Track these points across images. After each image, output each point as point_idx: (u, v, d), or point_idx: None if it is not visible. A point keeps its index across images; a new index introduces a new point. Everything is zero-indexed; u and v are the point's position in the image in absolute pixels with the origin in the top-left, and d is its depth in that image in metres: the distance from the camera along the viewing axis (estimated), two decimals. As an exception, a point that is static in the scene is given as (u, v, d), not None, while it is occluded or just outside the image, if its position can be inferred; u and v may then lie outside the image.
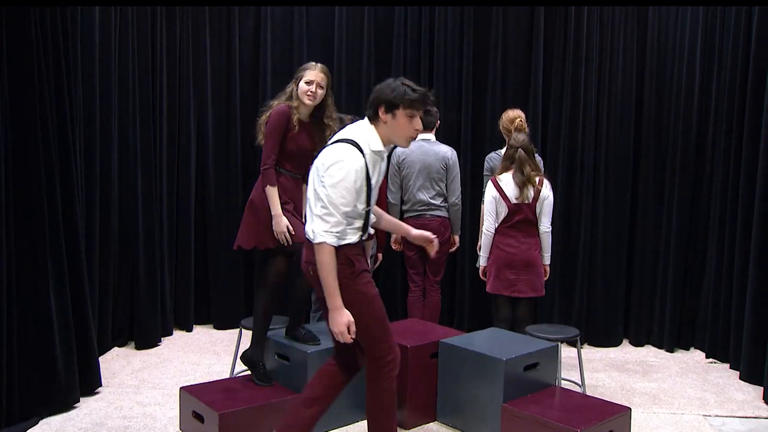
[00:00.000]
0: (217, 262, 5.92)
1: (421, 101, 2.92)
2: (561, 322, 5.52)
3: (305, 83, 3.65)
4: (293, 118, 3.68)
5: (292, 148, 3.71)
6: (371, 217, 3.05)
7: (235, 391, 3.63)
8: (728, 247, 5.08)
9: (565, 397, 3.68)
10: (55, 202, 3.83)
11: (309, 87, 3.65)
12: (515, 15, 5.68)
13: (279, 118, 3.66)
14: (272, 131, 3.67)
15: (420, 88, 2.92)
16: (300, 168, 3.77)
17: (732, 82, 5.11)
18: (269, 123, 3.69)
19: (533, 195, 4.23)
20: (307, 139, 3.74)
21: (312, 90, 3.65)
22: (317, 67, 3.70)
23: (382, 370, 2.99)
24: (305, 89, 3.65)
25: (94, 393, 4.16)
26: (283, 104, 3.71)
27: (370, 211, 2.99)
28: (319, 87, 3.68)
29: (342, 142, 2.91)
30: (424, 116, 4.80)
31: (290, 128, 3.68)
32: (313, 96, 3.67)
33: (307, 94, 3.65)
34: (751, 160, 4.79)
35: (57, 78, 3.91)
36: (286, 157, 3.73)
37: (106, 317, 4.93)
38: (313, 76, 3.66)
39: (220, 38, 5.88)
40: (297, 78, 3.70)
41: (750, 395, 4.45)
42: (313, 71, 3.67)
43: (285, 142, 3.70)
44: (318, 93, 3.68)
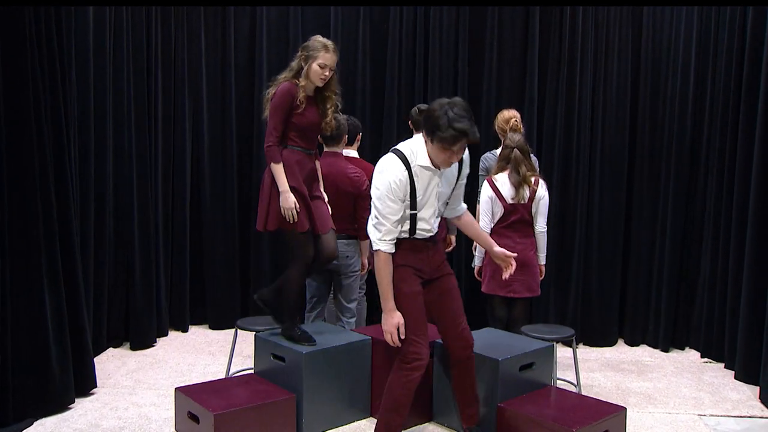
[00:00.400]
0: (213, 262, 5.91)
1: (450, 140, 2.93)
2: (556, 322, 5.53)
3: (319, 66, 3.59)
4: (299, 95, 3.63)
5: (301, 123, 3.67)
6: (429, 220, 3.18)
7: (231, 391, 3.62)
8: (723, 246, 5.09)
9: (560, 397, 3.68)
10: (49, 202, 3.81)
11: (323, 71, 3.61)
12: (510, 15, 5.69)
13: (283, 96, 3.61)
14: (276, 109, 3.63)
15: (460, 124, 2.90)
16: (312, 143, 3.78)
17: (726, 82, 5.12)
18: (274, 100, 3.65)
19: (529, 195, 4.23)
20: (315, 112, 3.72)
21: (326, 74, 3.63)
22: (331, 49, 3.63)
23: (404, 366, 3.15)
24: (319, 72, 3.60)
25: (89, 394, 4.15)
26: (288, 82, 3.66)
27: (416, 215, 3.13)
28: (330, 70, 3.64)
29: (391, 152, 3.13)
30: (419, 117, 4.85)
31: (296, 105, 3.63)
32: (326, 80, 3.65)
33: (321, 78, 3.62)
34: (746, 161, 4.80)
35: (52, 78, 3.90)
36: (297, 133, 3.69)
37: (101, 318, 4.92)
38: (327, 59, 3.60)
39: (215, 39, 5.87)
40: (309, 56, 3.61)
41: (745, 395, 4.46)
42: (327, 54, 3.61)
43: (292, 118, 3.65)
44: (329, 76, 3.66)
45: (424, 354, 3.18)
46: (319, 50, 3.60)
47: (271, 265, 5.90)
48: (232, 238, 5.93)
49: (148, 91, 5.37)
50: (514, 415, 3.40)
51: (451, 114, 2.94)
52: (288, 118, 3.65)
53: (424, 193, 3.12)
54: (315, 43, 3.64)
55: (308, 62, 3.61)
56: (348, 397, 3.77)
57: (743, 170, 4.84)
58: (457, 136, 2.93)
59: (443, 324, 3.36)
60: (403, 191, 3.04)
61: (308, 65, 3.61)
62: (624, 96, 5.62)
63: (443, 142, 2.96)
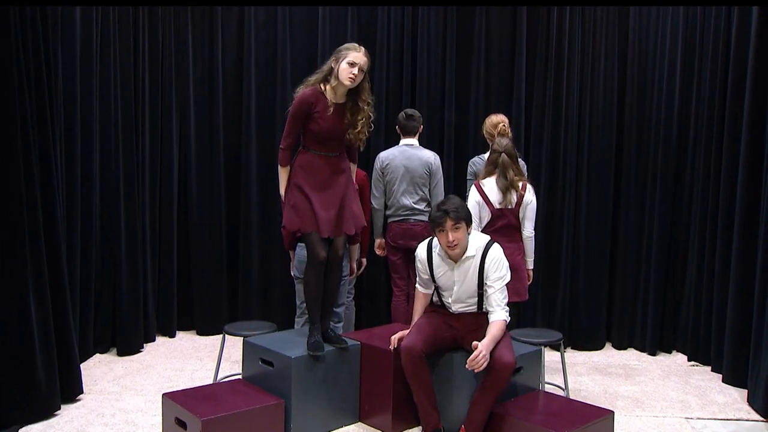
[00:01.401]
0: (200, 267, 5.89)
1: (433, 224, 3.51)
2: (544, 326, 5.55)
3: (348, 64, 3.55)
4: (329, 100, 3.61)
5: (317, 131, 3.64)
6: (444, 297, 3.71)
7: (219, 397, 3.60)
8: (709, 250, 5.12)
9: (548, 401, 3.69)
10: (35, 207, 3.78)
11: (352, 69, 3.55)
12: (498, 20, 5.72)
13: (301, 104, 3.60)
14: (293, 115, 3.63)
15: (440, 210, 3.46)
16: (329, 147, 3.71)
17: (712, 86, 5.16)
18: (293, 105, 3.64)
19: (516, 200, 4.24)
20: (335, 121, 3.64)
21: (354, 72, 3.55)
22: (361, 50, 3.61)
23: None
24: (348, 70, 3.55)
25: (76, 400, 4.12)
26: (311, 88, 3.63)
27: (438, 288, 3.70)
28: (360, 70, 3.58)
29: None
30: (406, 121, 4.85)
31: (315, 111, 3.61)
32: (354, 78, 3.57)
33: (349, 76, 3.55)
34: (732, 164, 4.84)
35: (38, 82, 3.88)
36: (310, 137, 3.68)
37: (88, 323, 4.88)
38: (357, 58, 3.56)
39: (203, 42, 5.86)
40: (338, 57, 3.59)
41: (731, 397, 4.48)
42: (357, 53, 3.57)
43: (309, 123, 3.63)
44: (359, 77, 3.60)
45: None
46: (349, 49, 3.60)
47: (259, 271, 5.89)
48: (219, 243, 5.91)
49: (134, 95, 5.35)
50: (502, 420, 3.40)
51: (444, 204, 3.52)
52: (304, 124, 3.64)
53: (441, 278, 3.68)
54: (346, 44, 3.67)
55: (338, 62, 3.58)
56: (337, 403, 3.76)
57: (729, 173, 4.87)
58: (437, 218, 3.47)
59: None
60: (424, 267, 3.75)
61: (338, 64, 3.58)
62: (611, 100, 5.65)
63: (434, 227, 3.54)
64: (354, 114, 3.69)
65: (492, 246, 3.59)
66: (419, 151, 4.82)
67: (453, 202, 3.50)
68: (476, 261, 3.56)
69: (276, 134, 5.79)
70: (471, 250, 3.56)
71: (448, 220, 3.43)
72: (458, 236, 3.46)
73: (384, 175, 4.79)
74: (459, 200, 3.56)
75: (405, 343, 3.52)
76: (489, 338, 3.35)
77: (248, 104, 5.84)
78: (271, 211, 5.82)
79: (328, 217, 3.69)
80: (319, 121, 3.62)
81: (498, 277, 3.54)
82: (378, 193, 4.82)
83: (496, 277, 3.54)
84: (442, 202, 3.54)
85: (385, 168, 4.79)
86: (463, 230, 3.49)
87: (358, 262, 4.72)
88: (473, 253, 3.56)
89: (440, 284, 3.67)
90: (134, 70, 5.33)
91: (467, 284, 3.60)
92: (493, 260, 3.54)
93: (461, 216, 3.45)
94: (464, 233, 3.50)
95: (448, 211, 3.43)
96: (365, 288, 5.65)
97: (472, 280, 3.58)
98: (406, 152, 4.78)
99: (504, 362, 3.33)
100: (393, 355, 3.66)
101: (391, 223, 4.81)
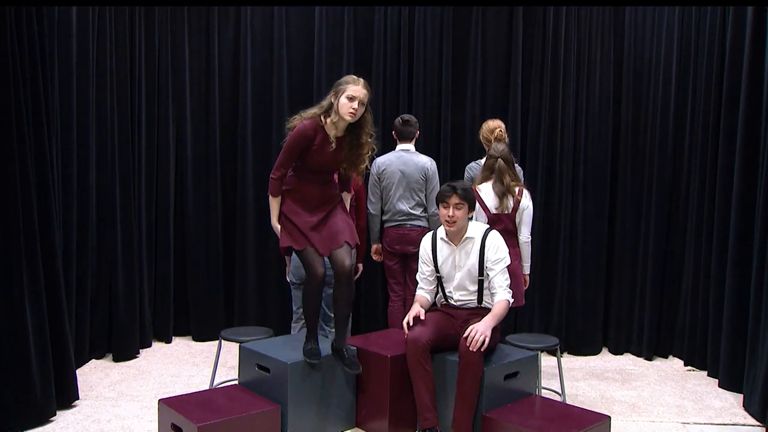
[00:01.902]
0: (197, 273, 5.88)
1: (440, 196, 3.73)
2: (541, 331, 5.54)
3: (347, 98, 3.48)
4: (330, 134, 3.56)
5: (313, 164, 3.60)
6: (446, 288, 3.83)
7: (215, 403, 3.59)
8: (705, 255, 5.14)
9: (545, 406, 3.69)
10: (31, 212, 3.78)
11: (351, 103, 3.48)
12: (494, 25, 5.73)
13: (300, 137, 3.53)
14: (289, 146, 3.56)
15: (449, 185, 3.70)
16: (320, 177, 3.69)
17: (707, 91, 5.18)
18: (290, 136, 3.56)
19: (512, 205, 4.25)
20: (332, 155, 3.59)
21: (354, 107, 3.48)
22: (360, 83, 3.53)
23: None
24: (348, 105, 3.48)
25: (71, 406, 4.10)
26: (309, 120, 3.56)
27: (440, 278, 3.82)
28: (361, 104, 3.51)
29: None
30: (403, 127, 4.86)
31: (313, 144, 3.54)
32: (355, 113, 3.50)
33: (350, 111, 3.48)
34: (728, 169, 4.85)
35: (33, 85, 3.87)
36: (306, 168, 3.63)
37: (84, 329, 4.86)
38: (356, 92, 3.48)
39: (199, 44, 5.86)
40: (337, 91, 3.52)
41: (728, 402, 4.48)
42: (356, 86, 3.50)
43: (307, 155, 3.58)
44: (359, 110, 3.53)
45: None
46: (348, 83, 3.52)
47: (255, 276, 5.88)
48: (216, 248, 5.90)
49: (131, 98, 5.35)
50: (498, 425, 3.40)
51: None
52: (300, 156, 3.60)
53: (443, 265, 3.82)
54: (345, 78, 3.59)
55: (338, 96, 3.51)
56: (333, 408, 3.75)
57: (725, 179, 4.89)
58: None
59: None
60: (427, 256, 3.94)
61: (338, 99, 3.51)
62: (606, 106, 5.67)
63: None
64: (355, 148, 3.63)
65: (491, 231, 3.80)
66: (416, 156, 4.82)
67: (462, 183, 3.74)
68: (476, 244, 3.71)
69: (272, 138, 5.81)
70: (471, 233, 3.74)
71: (454, 196, 3.64)
72: (458, 215, 3.66)
73: (380, 180, 4.80)
74: (469, 185, 3.81)
75: (411, 334, 3.59)
76: (489, 316, 3.54)
77: (245, 107, 5.84)
78: (267, 216, 5.77)
79: (320, 236, 3.64)
80: (315, 155, 3.57)
81: (499, 259, 3.71)
82: (374, 198, 4.82)
83: (497, 259, 3.71)
84: (453, 181, 3.79)
85: (381, 173, 4.79)
86: (464, 212, 3.68)
87: (355, 268, 4.72)
88: (473, 236, 3.75)
89: (442, 272, 3.80)
90: (131, 73, 5.32)
91: (468, 267, 3.74)
92: (492, 243, 3.72)
93: (466, 197, 3.67)
94: (465, 215, 3.69)
95: (456, 188, 3.65)
96: (362, 293, 5.65)
97: (473, 263, 3.73)
98: (403, 157, 4.79)
99: (467, 347, 3.43)
100: (390, 361, 3.66)
101: (388, 228, 4.81)
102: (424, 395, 3.55)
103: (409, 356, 3.57)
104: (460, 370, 3.46)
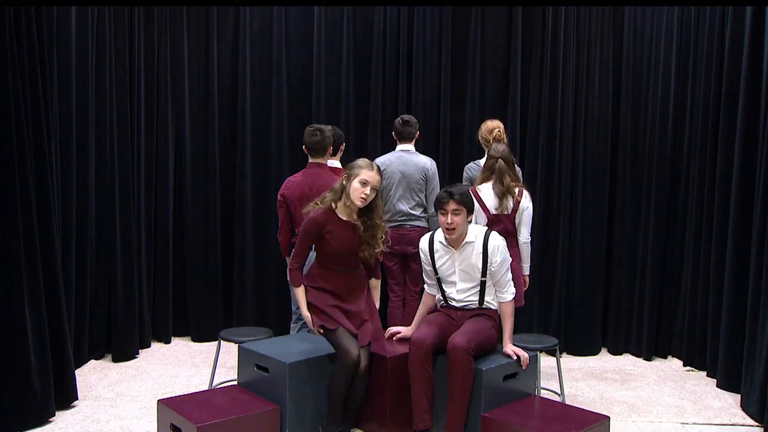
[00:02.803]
0: (196, 273, 5.88)
1: (437, 203, 3.69)
2: (540, 332, 5.55)
3: (360, 183, 3.48)
4: (343, 218, 3.56)
5: (328, 250, 3.58)
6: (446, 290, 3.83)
7: (214, 403, 3.60)
8: (704, 256, 5.14)
9: (544, 407, 3.69)
10: (30, 213, 3.78)
11: (364, 189, 3.47)
12: (493, 25, 5.73)
13: (312, 225, 3.54)
14: (303, 235, 3.57)
15: (446, 191, 3.64)
16: (343, 264, 3.64)
17: (707, 91, 5.19)
18: (302, 227, 3.58)
19: (512, 206, 4.25)
20: (348, 240, 3.57)
21: (366, 192, 3.48)
22: (374, 168, 3.53)
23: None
24: (360, 190, 3.47)
25: (70, 406, 4.11)
26: (321, 209, 3.56)
27: (440, 280, 3.83)
28: (373, 189, 3.52)
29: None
30: (403, 127, 4.86)
31: (326, 232, 3.54)
32: (366, 198, 3.50)
33: (361, 197, 3.48)
34: (726, 169, 4.86)
35: (33, 86, 3.88)
36: (323, 255, 3.62)
37: (83, 329, 4.87)
38: (370, 177, 3.48)
39: (198, 45, 5.86)
40: (350, 175, 3.52)
41: (727, 402, 4.49)
42: (370, 172, 3.49)
43: (323, 243, 3.57)
44: (370, 196, 3.52)
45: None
46: (362, 167, 3.51)
47: (254, 276, 5.88)
48: (215, 248, 5.91)
49: (130, 99, 5.35)
50: (498, 425, 3.41)
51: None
52: (318, 245, 3.61)
53: (441, 268, 3.81)
54: (358, 161, 3.57)
55: (350, 180, 3.51)
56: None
57: (724, 179, 4.89)
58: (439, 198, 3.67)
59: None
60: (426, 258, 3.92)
61: (350, 183, 3.51)
62: (606, 106, 5.67)
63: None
64: (368, 230, 3.61)
65: (491, 233, 3.76)
66: (415, 156, 4.83)
67: (460, 188, 3.68)
68: (478, 247, 3.69)
69: (272, 139, 5.82)
70: (471, 236, 3.72)
71: (451, 202, 3.58)
72: (457, 221, 3.61)
73: (380, 180, 4.79)
74: (466, 188, 3.77)
75: (416, 335, 3.64)
76: (506, 328, 3.77)
77: (243, 108, 5.84)
78: (266, 216, 5.82)
79: (350, 324, 3.58)
80: (330, 241, 3.55)
81: (503, 259, 3.72)
82: (374, 198, 4.82)
83: (502, 260, 3.71)
84: (449, 186, 3.72)
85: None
86: (463, 217, 3.63)
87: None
88: (473, 239, 3.71)
89: (442, 274, 3.79)
90: (130, 74, 5.33)
91: (469, 271, 3.73)
92: (495, 245, 3.70)
93: (464, 202, 3.61)
94: (464, 220, 3.64)
95: (453, 194, 3.59)
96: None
97: (475, 266, 3.71)
98: (403, 158, 4.79)
99: (454, 343, 3.49)
100: (389, 361, 3.67)
101: (387, 228, 4.81)
102: (421, 397, 3.56)
103: (411, 358, 3.57)
104: (449, 370, 3.49)
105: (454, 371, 3.47)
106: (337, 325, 3.55)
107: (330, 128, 4.47)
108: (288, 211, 4.32)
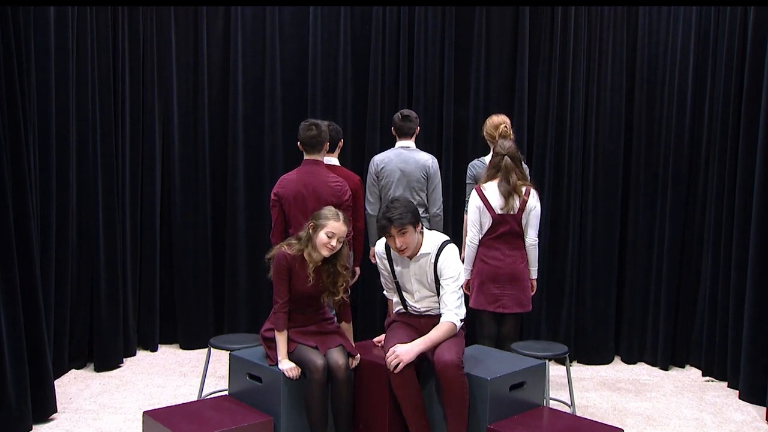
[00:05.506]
0: (184, 277, 5.87)
1: (380, 231, 3.69)
2: (549, 339, 5.54)
3: (326, 235, 3.64)
4: (308, 265, 3.68)
5: (295, 293, 3.72)
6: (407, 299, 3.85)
7: (203, 415, 3.59)
8: (724, 258, 5.12)
9: (553, 418, 3.67)
10: (6, 214, 3.76)
11: (330, 240, 3.64)
12: (499, 16, 5.72)
13: (278, 264, 3.70)
14: (276, 274, 3.71)
15: (385, 218, 3.59)
16: (307, 307, 3.79)
17: (727, 87, 5.16)
18: (273, 266, 3.73)
19: (519, 205, 4.22)
20: (313, 283, 3.71)
21: (333, 244, 3.65)
22: (340, 218, 3.69)
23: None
24: (325, 241, 3.64)
25: (49, 420, 4.10)
26: (280, 250, 3.72)
27: (398, 285, 3.84)
28: (338, 240, 3.68)
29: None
30: (402, 122, 4.85)
31: (293, 273, 3.70)
32: (332, 249, 3.67)
33: (327, 247, 3.65)
34: (748, 168, 4.84)
35: (9, 81, 3.86)
36: (292, 298, 3.74)
37: (63, 337, 4.85)
38: (336, 228, 3.65)
39: (187, 39, 5.86)
40: (316, 225, 3.67)
41: (750, 415, 4.47)
42: (336, 223, 3.66)
43: (291, 283, 3.72)
44: (336, 247, 3.68)
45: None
46: (328, 218, 3.66)
47: (246, 281, 5.87)
48: (205, 250, 5.89)
49: (114, 94, 5.33)
50: (504, 439, 3.39)
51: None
52: (291, 279, 3.72)
53: (400, 274, 3.81)
54: (325, 212, 3.71)
55: (316, 231, 3.66)
56: (329, 420, 3.73)
57: (745, 177, 4.87)
58: (382, 226, 3.63)
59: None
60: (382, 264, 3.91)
61: (316, 234, 3.66)
62: (619, 100, 5.66)
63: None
64: (329, 277, 3.77)
65: (447, 246, 3.71)
66: (416, 153, 4.81)
67: (397, 209, 3.59)
68: (431, 258, 3.69)
69: (264, 136, 5.81)
70: (426, 248, 3.71)
71: (392, 228, 3.57)
72: (406, 240, 3.60)
73: (379, 179, 4.78)
74: (403, 202, 3.67)
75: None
76: (421, 340, 3.54)
77: (235, 103, 5.84)
78: (258, 217, 5.80)
79: (314, 340, 3.72)
80: (296, 284, 3.70)
81: (450, 277, 3.65)
82: (373, 198, 4.81)
83: (448, 277, 3.65)
84: (387, 209, 3.63)
85: (380, 172, 4.77)
86: (411, 232, 3.60)
87: (352, 271, 4.70)
88: (428, 251, 3.70)
89: (400, 281, 3.81)
90: (113, 66, 5.30)
91: (425, 282, 3.74)
92: (445, 260, 3.66)
93: (405, 222, 3.57)
94: (412, 235, 3.62)
95: (392, 219, 3.55)
96: (359, 297, 5.64)
97: (429, 278, 3.72)
98: (402, 155, 4.77)
99: (443, 361, 3.45)
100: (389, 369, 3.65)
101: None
102: (413, 414, 3.55)
103: (394, 386, 3.54)
104: (442, 388, 3.47)
105: (449, 388, 3.45)
106: (294, 344, 3.67)
107: (327, 124, 4.45)
108: (282, 211, 4.32)
